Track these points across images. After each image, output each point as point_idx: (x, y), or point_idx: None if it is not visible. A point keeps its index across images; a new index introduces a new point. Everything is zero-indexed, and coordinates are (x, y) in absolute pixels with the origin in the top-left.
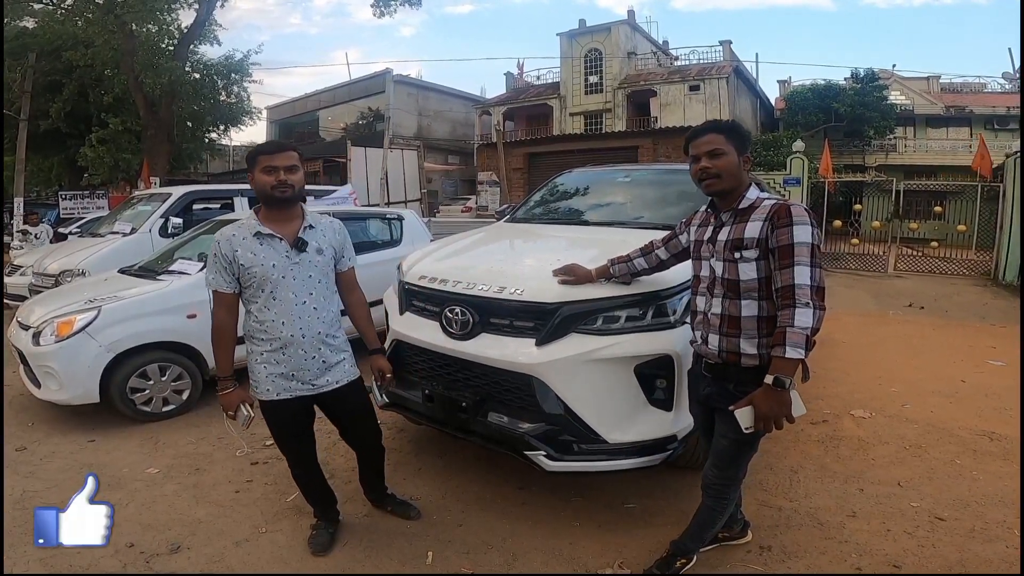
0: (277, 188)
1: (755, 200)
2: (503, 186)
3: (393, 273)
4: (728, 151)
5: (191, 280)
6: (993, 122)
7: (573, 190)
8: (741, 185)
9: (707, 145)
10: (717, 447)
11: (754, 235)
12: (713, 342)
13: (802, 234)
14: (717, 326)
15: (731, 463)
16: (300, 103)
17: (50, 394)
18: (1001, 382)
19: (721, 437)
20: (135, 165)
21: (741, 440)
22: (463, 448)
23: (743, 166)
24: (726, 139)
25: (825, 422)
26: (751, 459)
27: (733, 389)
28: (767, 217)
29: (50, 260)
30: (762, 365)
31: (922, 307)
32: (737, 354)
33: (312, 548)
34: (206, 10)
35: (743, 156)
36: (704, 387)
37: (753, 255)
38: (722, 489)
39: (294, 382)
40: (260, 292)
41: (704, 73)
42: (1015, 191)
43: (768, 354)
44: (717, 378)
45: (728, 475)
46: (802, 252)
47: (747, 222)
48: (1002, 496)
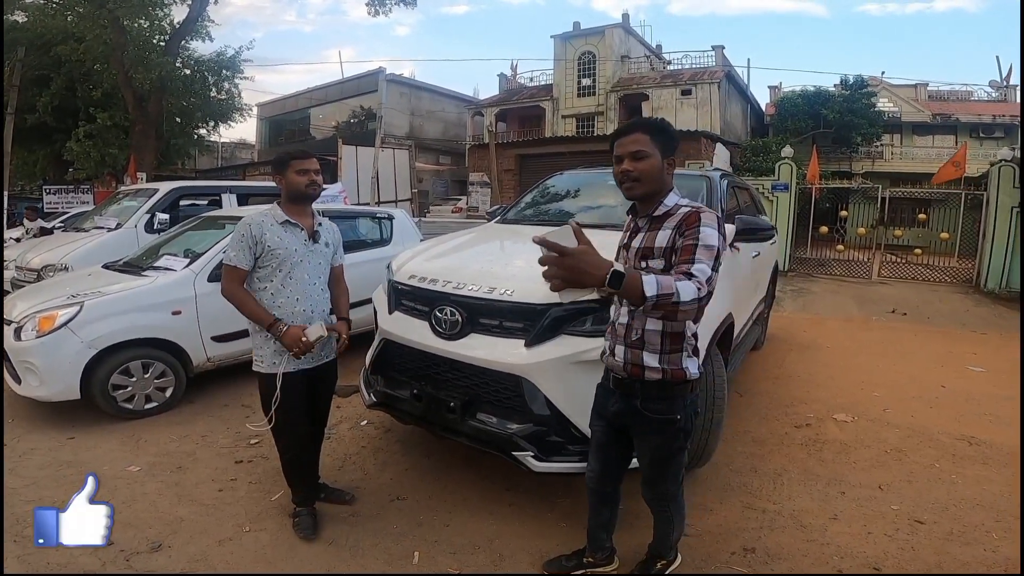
0: (310, 187)
1: (672, 207)
2: (494, 187)
3: (382, 272)
4: (652, 153)
5: (177, 276)
6: (979, 130)
7: (564, 192)
8: (663, 190)
9: (632, 145)
10: (642, 467)
11: (662, 244)
12: (619, 353)
13: (709, 237)
14: (623, 336)
15: (657, 480)
16: (292, 101)
17: (30, 390)
18: (981, 388)
19: (640, 456)
20: (122, 160)
21: (660, 457)
22: (451, 448)
23: (666, 170)
24: (652, 140)
25: (809, 426)
26: (681, 470)
27: (640, 406)
28: (676, 225)
29: (32, 254)
30: (665, 380)
31: (905, 313)
32: (641, 367)
33: (300, 533)
34: (199, 6)
35: (668, 159)
36: (612, 403)
37: (659, 265)
38: (663, 503)
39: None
40: (278, 272)
41: (696, 78)
42: (999, 199)
43: (670, 368)
44: (625, 394)
45: (661, 491)
46: (703, 252)
47: (659, 230)
48: (980, 500)
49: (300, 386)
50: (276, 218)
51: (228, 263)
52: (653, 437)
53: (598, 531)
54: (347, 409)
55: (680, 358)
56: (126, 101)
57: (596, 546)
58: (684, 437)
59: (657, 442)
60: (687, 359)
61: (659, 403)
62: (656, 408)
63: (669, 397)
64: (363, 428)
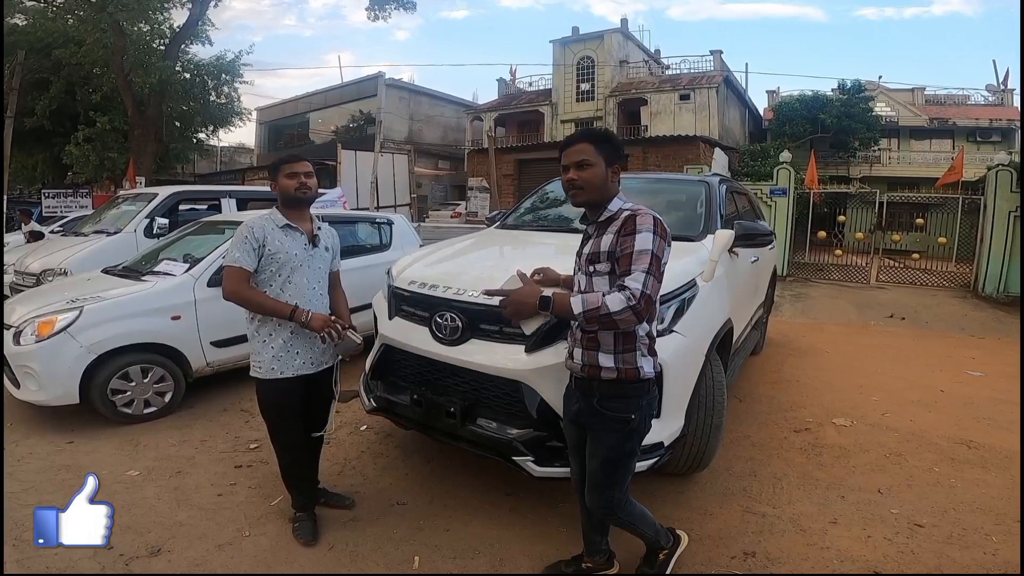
0: (299, 189)
1: (615, 211)
2: (493, 192)
3: (382, 277)
4: (596, 162)
5: (176, 281)
6: (976, 134)
7: (564, 197)
8: (608, 197)
9: (577, 155)
10: (589, 469)
11: (605, 248)
12: (577, 355)
13: (643, 242)
14: (579, 339)
15: (605, 484)
16: (291, 105)
17: (29, 395)
18: (979, 392)
19: (591, 458)
20: (121, 164)
21: (611, 458)
22: (451, 453)
23: (611, 177)
24: (596, 150)
25: (808, 430)
26: (628, 477)
27: (597, 404)
28: (617, 230)
29: (31, 259)
30: (620, 378)
31: (903, 318)
32: (597, 367)
33: (300, 538)
34: (199, 10)
35: (613, 167)
36: (573, 403)
37: (605, 268)
38: (610, 514)
39: (299, 360)
40: (278, 276)
41: (695, 83)
42: (996, 203)
43: (624, 367)
44: (584, 393)
45: (605, 497)
46: (638, 260)
47: (603, 235)
48: (980, 503)
49: (299, 391)
50: (276, 222)
51: (232, 264)
52: (607, 436)
53: (592, 534)
54: (347, 414)
55: (634, 357)
56: (125, 105)
57: (592, 549)
58: (637, 439)
59: (610, 441)
60: (641, 358)
61: (614, 401)
62: (612, 406)
63: (624, 396)
64: (363, 433)
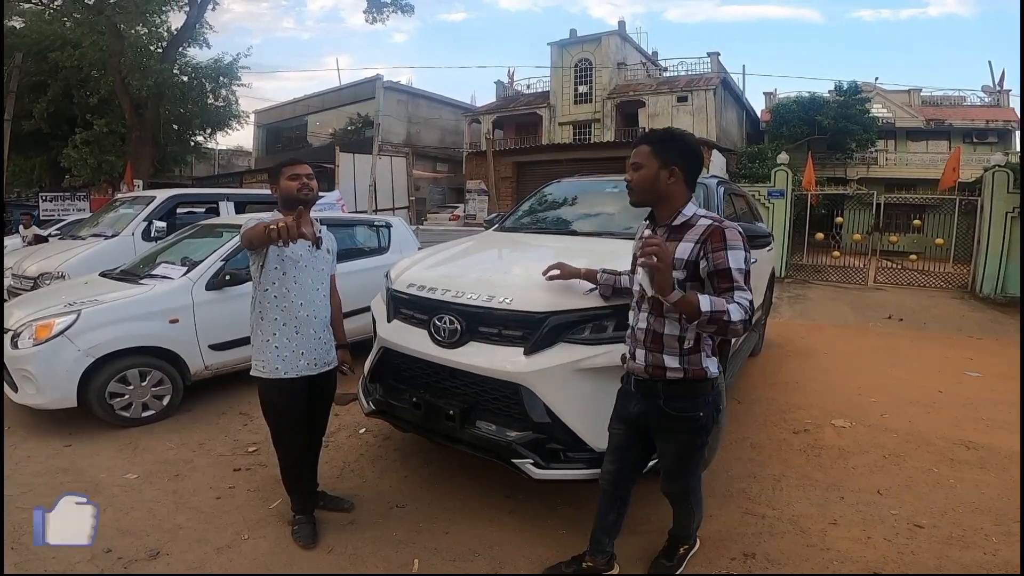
0: (302, 190)
1: (691, 217)
2: (491, 194)
3: (381, 280)
4: (647, 164)
5: (174, 284)
6: (972, 135)
7: (562, 200)
8: (671, 200)
9: (634, 156)
10: (664, 465)
11: (683, 256)
12: (640, 356)
13: (736, 260)
14: (643, 340)
15: (681, 474)
16: (289, 108)
17: (27, 398)
18: (978, 393)
19: (664, 455)
20: (118, 167)
21: (684, 454)
22: (450, 456)
23: (666, 179)
24: (651, 151)
25: (807, 431)
26: (700, 464)
27: (663, 405)
28: (699, 239)
29: (29, 262)
30: (686, 378)
31: (901, 319)
32: (662, 368)
33: (300, 541)
34: (196, 12)
35: (669, 169)
36: (633, 405)
37: (681, 276)
38: (681, 496)
39: (302, 360)
40: (282, 275)
41: (692, 84)
42: (993, 204)
43: (691, 368)
44: (646, 395)
45: (681, 485)
46: (739, 278)
47: (680, 241)
48: (979, 504)
49: (301, 392)
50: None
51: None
52: (677, 435)
53: (601, 535)
54: (345, 417)
55: (700, 358)
56: (123, 108)
57: (597, 549)
58: (705, 433)
59: (681, 439)
60: (706, 359)
61: (681, 401)
62: (679, 406)
63: (691, 395)
64: (362, 436)
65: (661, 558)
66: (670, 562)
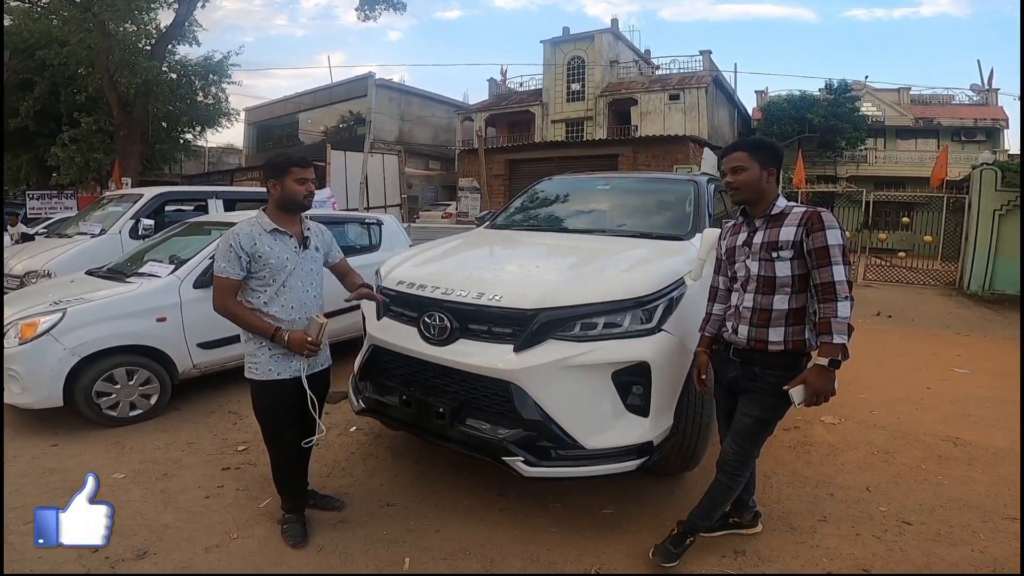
0: (307, 197)
1: (784, 208)
2: (483, 192)
3: (371, 278)
4: (749, 166)
5: (161, 283)
6: (960, 134)
7: (553, 197)
8: (767, 195)
9: (733, 162)
10: (739, 426)
11: (789, 238)
12: (742, 332)
13: (834, 237)
14: (748, 318)
15: (750, 439)
16: (280, 105)
17: (13, 397)
18: (966, 389)
19: (744, 415)
20: (106, 165)
21: (763, 419)
22: (440, 454)
23: (765, 179)
24: (749, 155)
25: (796, 428)
26: (766, 439)
27: (759, 371)
28: (800, 223)
29: (15, 261)
30: (787, 350)
31: (890, 316)
32: (765, 341)
33: (290, 540)
34: (185, 10)
35: (767, 170)
36: (731, 371)
37: (788, 255)
38: (738, 465)
39: (294, 362)
40: (272, 281)
41: (684, 83)
42: (980, 202)
43: (792, 340)
44: (745, 362)
45: (746, 450)
46: (836, 253)
47: (781, 227)
48: (967, 500)
49: (294, 392)
50: (264, 227)
51: (219, 274)
52: (763, 398)
53: (743, 493)
54: (336, 415)
55: (803, 330)
56: (111, 105)
57: (740, 506)
58: (787, 406)
59: (765, 403)
60: (809, 332)
61: (776, 371)
62: (774, 374)
63: (789, 366)
64: (352, 434)
65: (669, 542)
66: (677, 549)
